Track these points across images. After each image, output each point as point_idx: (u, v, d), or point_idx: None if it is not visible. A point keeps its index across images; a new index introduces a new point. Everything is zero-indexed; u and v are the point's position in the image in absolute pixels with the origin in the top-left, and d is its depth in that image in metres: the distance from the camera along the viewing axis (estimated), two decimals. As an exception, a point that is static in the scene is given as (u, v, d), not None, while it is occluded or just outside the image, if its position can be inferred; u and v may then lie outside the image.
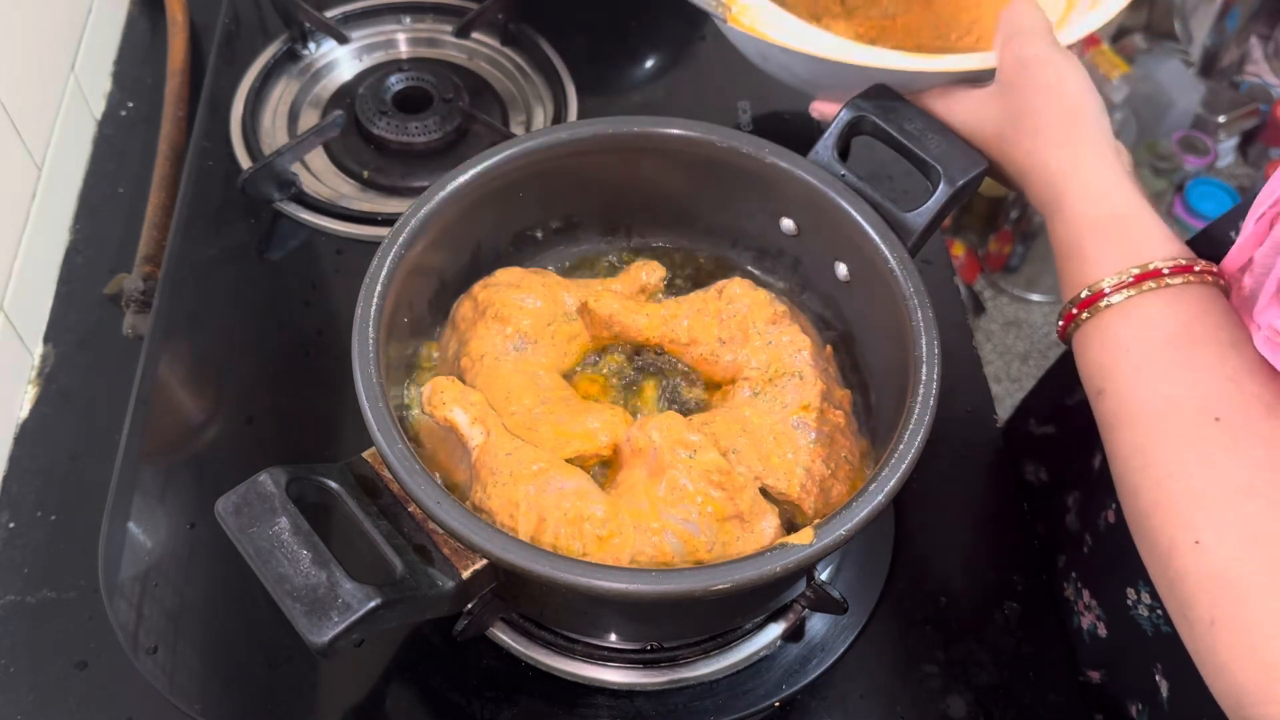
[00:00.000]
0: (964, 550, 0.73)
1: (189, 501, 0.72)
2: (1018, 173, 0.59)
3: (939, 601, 0.71)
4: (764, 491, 0.58)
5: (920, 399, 0.55)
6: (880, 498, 0.52)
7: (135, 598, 0.67)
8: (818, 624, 0.69)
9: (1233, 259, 0.52)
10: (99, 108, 0.97)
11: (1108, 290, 0.51)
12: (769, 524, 0.56)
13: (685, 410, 0.64)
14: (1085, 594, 0.70)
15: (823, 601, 0.63)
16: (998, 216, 2.04)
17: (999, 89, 0.59)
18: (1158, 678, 0.62)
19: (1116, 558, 0.66)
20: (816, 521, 0.52)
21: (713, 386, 0.66)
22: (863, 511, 0.51)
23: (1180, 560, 0.45)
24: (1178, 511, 0.45)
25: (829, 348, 0.66)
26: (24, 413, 0.78)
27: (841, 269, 0.66)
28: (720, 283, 0.67)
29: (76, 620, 0.68)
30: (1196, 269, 0.50)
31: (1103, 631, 0.67)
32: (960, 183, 0.61)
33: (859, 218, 0.62)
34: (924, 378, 0.56)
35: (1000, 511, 0.76)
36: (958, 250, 2.05)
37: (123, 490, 0.72)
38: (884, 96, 0.65)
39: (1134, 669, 0.64)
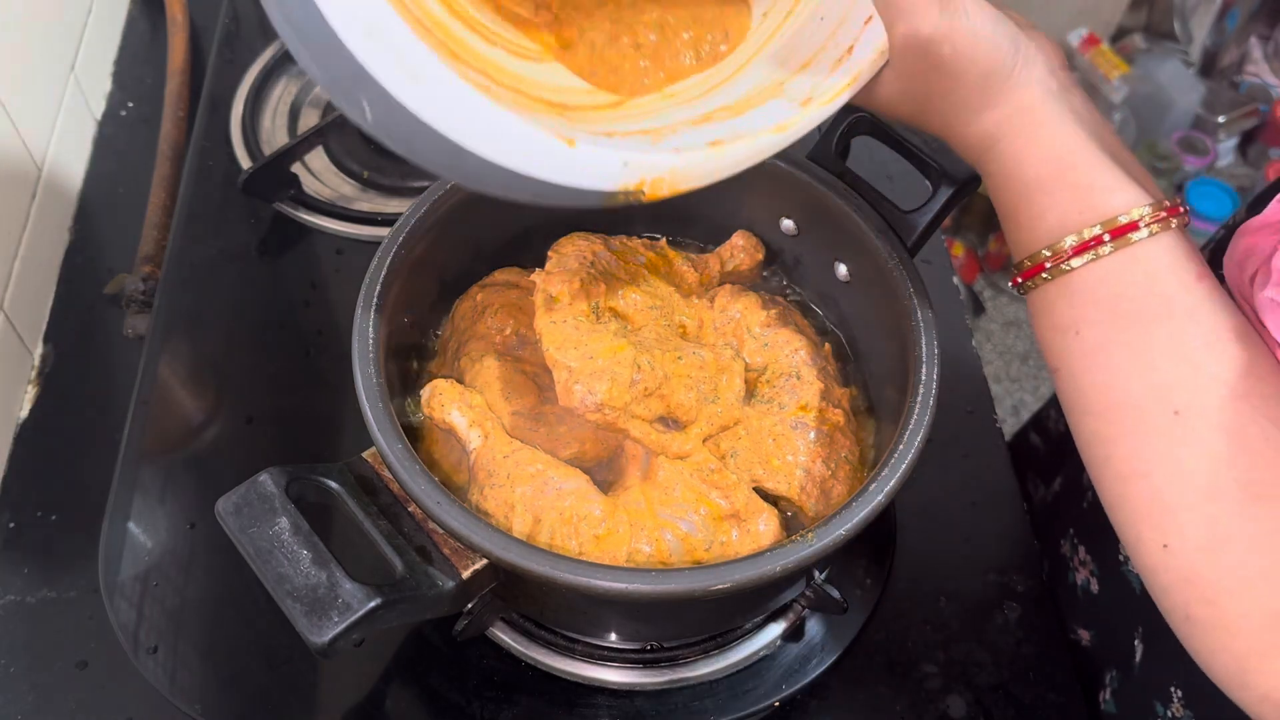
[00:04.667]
0: (964, 550, 0.73)
1: (189, 501, 0.72)
2: (941, 140, 0.54)
3: (939, 601, 0.71)
4: (764, 493, 0.58)
5: (920, 399, 0.55)
6: (880, 498, 0.52)
7: (135, 598, 0.67)
8: (818, 624, 0.69)
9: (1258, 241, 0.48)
10: (99, 108, 0.97)
11: (1046, 265, 0.48)
12: (765, 523, 0.56)
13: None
14: (1081, 550, 0.70)
15: (823, 601, 0.63)
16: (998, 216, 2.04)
17: (897, 75, 0.50)
18: (1135, 640, 0.62)
19: None
20: (816, 522, 0.52)
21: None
22: (863, 511, 0.51)
23: (1149, 560, 0.45)
24: (1142, 511, 0.45)
25: (827, 346, 0.66)
26: (24, 413, 0.78)
27: (841, 269, 0.67)
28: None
29: (76, 620, 0.68)
30: (1143, 224, 0.45)
31: (1095, 587, 0.68)
32: (960, 182, 0.61)
33: (859, 218, 0.62)
34: (924, 378, 0.56)
35: (1000, 511, 0.76)
36: (958, 250, 2.05)
37: (123, 490, 0.72)
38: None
39: (1118, 629, 0.65)
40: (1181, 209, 0.46)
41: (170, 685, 0.64)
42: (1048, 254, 0.47)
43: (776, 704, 0.66)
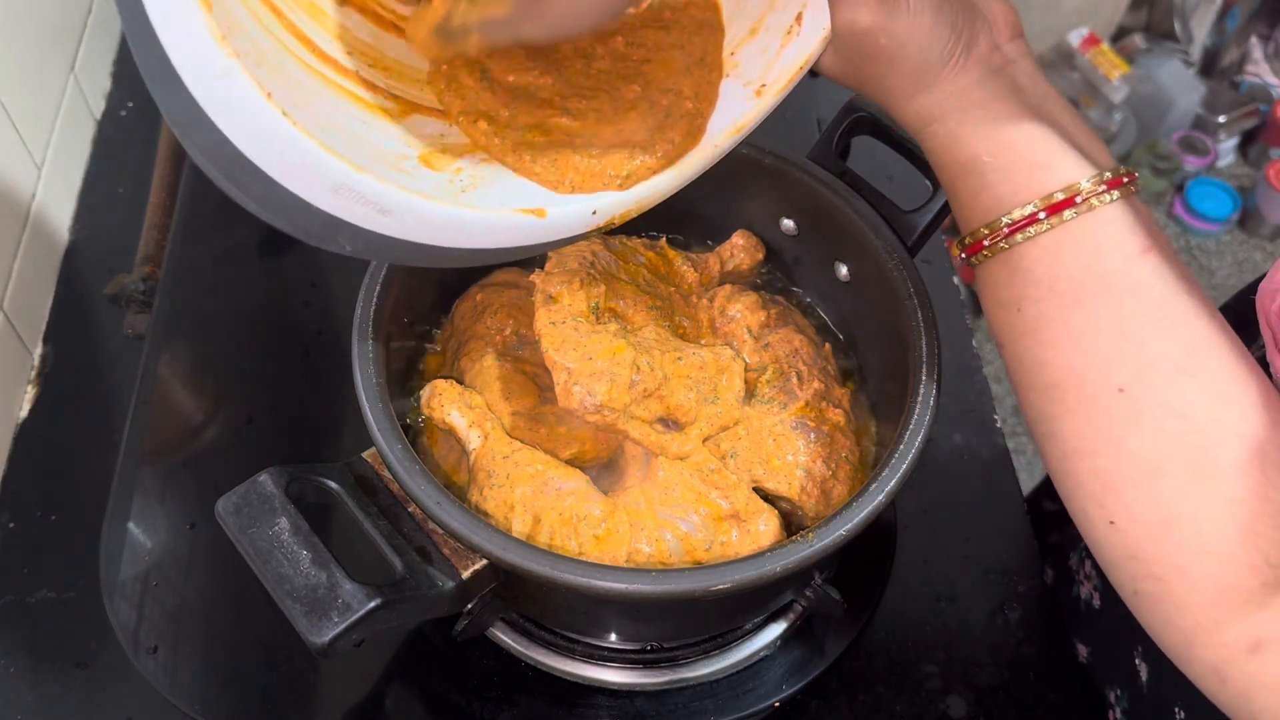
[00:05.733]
0: (964, 551, 0.73)
1: (189, 501, 0.72)
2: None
3: (939, 601, 0.71)
4: (765, 493, 0.58)
5: (920, 399, 0.55)
6: (880, 498, 0.52)
7: (135, 598, 0.67)
8: (818, 624, 0.69)
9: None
10: (99, 108, 0.97)
11: (985, 242, 0.47)
12: (765, 523, 0.56)
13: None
14: (1087, 564, 0.70)
15: (822, 601, 0.63)
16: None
17: (836, 54, 0.50)
18: (1137, 660, 0.62)
19: None
20: (817, 522, 0.52)
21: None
22: (863, 512, 0.51)
23: (1095, 535, 0.45)
24: (1088, 490, 0.44)
25: (827, 346, 0.66)
26: (24, 413, 0.78)
27: (842, 269, 0.67)
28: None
29: (76, 620, 0.68)
30: (1080, 199, 0.44)
31: (1097, 602, 0.68)
32: (960, 183, 0.60)
33: (859, 218, 0.62)
34: (924, 378, 0.56)
35: (1000, 511, 0.76)
36: (957, 250, 2.05)
37: (123, 490, 0.72)
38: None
39: (1118, 647, 0.65)
40: (1125, 179, 0.45)
41: (170, 685, 0.64)
42: (986, 232, 0.47)
43: (776, 704, 0.66)
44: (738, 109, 0.51)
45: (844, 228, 0.63)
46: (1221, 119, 2.12)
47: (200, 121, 0.37)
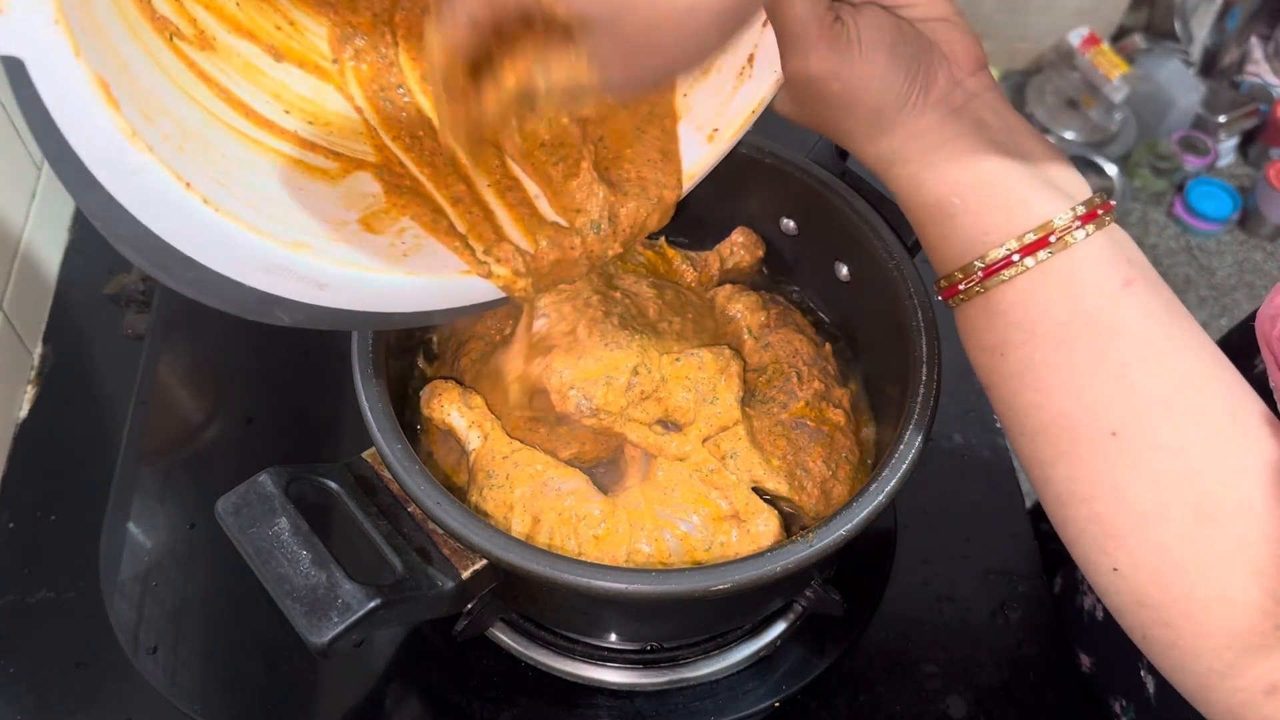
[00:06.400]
0: (964, 550, 0.73)
1: (189, 501, 0.72)
2: None
3: (939, 601, 0.71)
4: (764, 493, 0.58)
5: (920, 399, 0.55)
6: (880, 498, 0.52)
7: (135, 598, 0.67)
8: (818, 624, 0.69)
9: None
10: (99, 108, 0.97)
11: (960, 286, 0.45)
12: (765, 523, 0.56)
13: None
14: None
15: (822, 602, 0.63)
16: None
17: (791, 99, 0.49)
18: (1143, 673, 0.62)
19: None
20: (816, 522, 0.52)
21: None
22: (863, 512, 0.51)
23: (1100, 581, 0.44)
24: (1088, 536, 0.43)
25: (828, 346, 0.66)
26: (24, 413, 0.78)
27: (842, 269, 0.67)
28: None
29: (76, 620, 0.68)
30: (1054, 237, 0.42)
31: (1100, 614, 0.67)
32: (960, 183, 0.60)
33: (859, 217, 0.62)
34: (924, 378, 0.55)
35: (1000, 511, 0.75)
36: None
37: (123, 490, 0.72)
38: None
39: (1122, 660, 0.64)
40: (1100, 210, 0.43)
41: (170, 685, 0.64)
42: (961, 276, 0.45)
43: (776, 704, 0.66)
44: (690, 155, 0.50)
45: (844, 228, 0.63)
46: (1221, 119, 2.12)
47: (119, 215, 0.36)
